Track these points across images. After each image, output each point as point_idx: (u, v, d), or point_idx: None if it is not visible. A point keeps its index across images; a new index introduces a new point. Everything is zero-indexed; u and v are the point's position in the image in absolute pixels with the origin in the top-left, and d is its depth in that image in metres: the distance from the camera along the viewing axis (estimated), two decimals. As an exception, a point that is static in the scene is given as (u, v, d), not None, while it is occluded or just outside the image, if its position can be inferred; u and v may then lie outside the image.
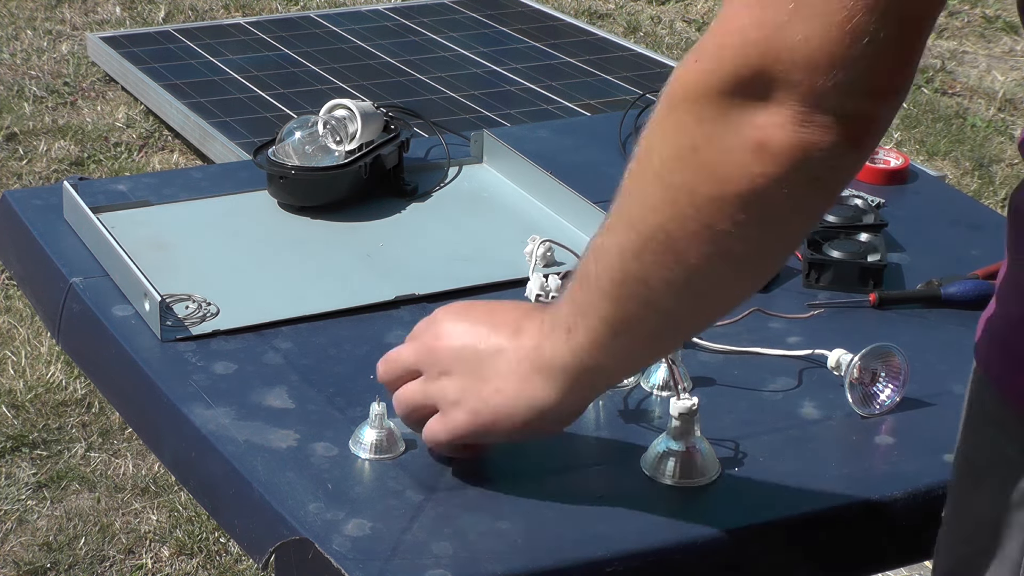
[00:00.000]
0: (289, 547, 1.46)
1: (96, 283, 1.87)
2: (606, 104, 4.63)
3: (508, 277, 1.92)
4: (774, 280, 1.96)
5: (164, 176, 2.34)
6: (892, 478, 1.58)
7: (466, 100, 4.66)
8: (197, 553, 3.04)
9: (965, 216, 2.18)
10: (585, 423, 1.66)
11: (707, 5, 5.93)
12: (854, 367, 1.68)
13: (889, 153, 2.27)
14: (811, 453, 1.62)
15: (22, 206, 2.05)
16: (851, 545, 1.54)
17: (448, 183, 2.17)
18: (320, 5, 5.82)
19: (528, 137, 2.34)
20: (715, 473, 1.57)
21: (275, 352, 1.75)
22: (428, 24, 5.38)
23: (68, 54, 5.39)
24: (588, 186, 2.09)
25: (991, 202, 4.49)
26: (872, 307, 1.90)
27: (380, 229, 2.05)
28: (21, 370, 3.55)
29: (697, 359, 1.77)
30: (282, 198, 2.08)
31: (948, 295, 1.91)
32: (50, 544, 3.05)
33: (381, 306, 1.86)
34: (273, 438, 1.59)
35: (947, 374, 1.76)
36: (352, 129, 2.08)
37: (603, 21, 5.86)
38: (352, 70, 4.89)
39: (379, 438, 1.58)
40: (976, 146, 4.83)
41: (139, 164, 4.63)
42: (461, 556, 1.43)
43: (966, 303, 1.90)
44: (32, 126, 4.81)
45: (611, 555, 1.45)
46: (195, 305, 1.82)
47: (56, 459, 3.26)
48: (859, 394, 1.69)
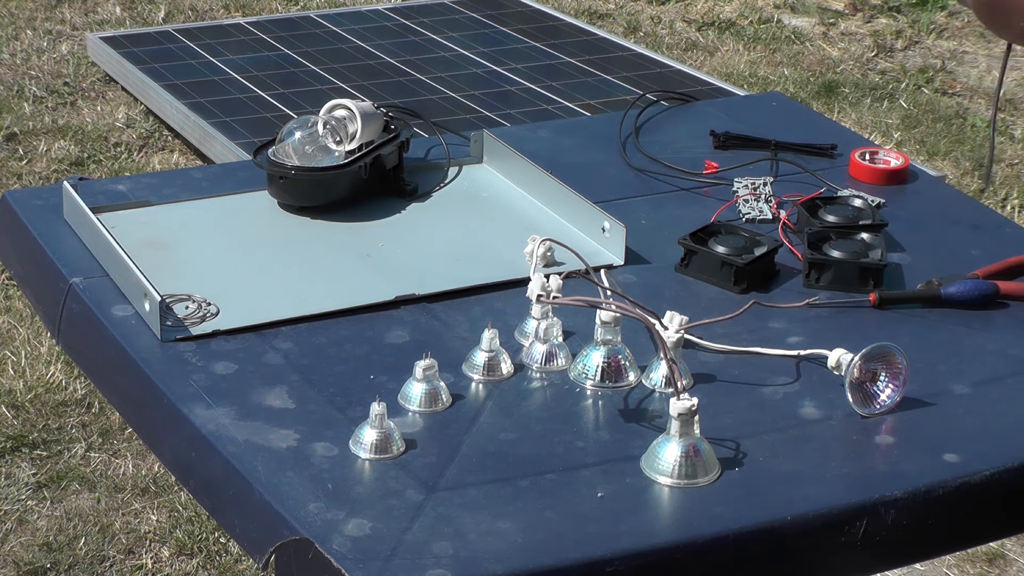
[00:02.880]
0: (289, 547, 1.46)
1: (96, 283, 1.87)
2: (606, 104, 4.63)
3: (508, 277, 1.92)
4: (774, 279, 1.96)
5: (164, 176, 2.34)
6: (892, 478, 1.58)
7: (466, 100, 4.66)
8: (197, 553, 3.04)
9: (965, 216, 2.18)
10: (585, 423, 1.67)
11: (707, 5, 5.93)
12: (854, 367, 1.68)
13: (889, 153, 2.27)
14: (811, 453, 1.62)
15: (22, 206, 2.05)
16: (851, 545, 1.54)
17: (448, 183, 2.17)
18: (320, 5, 5.82)
19: (528, 137, 2.34)
20: (715, 473, 1.57)
21: (275, 352, 1.75)
22: (428, 24, 5.37)
23: (68, 54, 5.38)
24: (588, 186, 2.09)
25: (991, 202, 4.49)
26: (872, 307, 1.90)
27: (380, 229, 2.05)
28: (21, 370, 3.55)
29: (697, 359, 1.77)
30: (282, 198, 2.08)
31: (948, 295, 1.91)
32: (50, 544, 3.04)
33: (381, 306, 1.86)
34: (273, 438, 1.59)
35: (947, 374, 1.76)
36: (352, 129, 2.08)
37: (603, 21, 5.86)
38: (352, 70, 4.89)
39: (379, 438, 1.58)
40: (976, 146, 4.83)
41: (139, 164, 4.63)
42: (461, 556, 1.43)
43: (966, 303, 1.90)
44: (32, 126, 4.81)
45: (611, 555, 1.45)
46: (195, 305, 1.82)
47: (56, 459, 3.26)
48: (859, 394, 1.69)
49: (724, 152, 2.31)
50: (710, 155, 2.29)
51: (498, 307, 1.87)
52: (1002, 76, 2.63)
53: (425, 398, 1.66)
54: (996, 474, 1.60)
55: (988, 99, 5.30)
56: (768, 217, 2.11)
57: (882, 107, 5.12)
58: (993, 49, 5.80)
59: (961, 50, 5.78)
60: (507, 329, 1.80)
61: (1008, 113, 5.24)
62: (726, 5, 6.03)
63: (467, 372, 1.73)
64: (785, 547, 1.53)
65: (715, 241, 1.97)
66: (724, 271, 1.93)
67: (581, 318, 1.80)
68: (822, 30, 5.82)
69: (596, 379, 1.72)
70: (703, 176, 2.23)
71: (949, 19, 6.01)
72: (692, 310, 1.81)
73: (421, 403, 1.66)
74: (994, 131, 2.95)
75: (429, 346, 1.74)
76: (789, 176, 2.24)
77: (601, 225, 1.99)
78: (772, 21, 5.87)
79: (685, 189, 2.20)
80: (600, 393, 1.71)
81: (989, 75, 5.53)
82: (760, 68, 5.40)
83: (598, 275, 1.90)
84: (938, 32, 5.87)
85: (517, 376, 1.74)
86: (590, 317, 1.75)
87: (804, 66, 5.45)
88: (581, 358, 1.74)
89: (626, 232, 1.97)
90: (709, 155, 2.29)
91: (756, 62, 5.46)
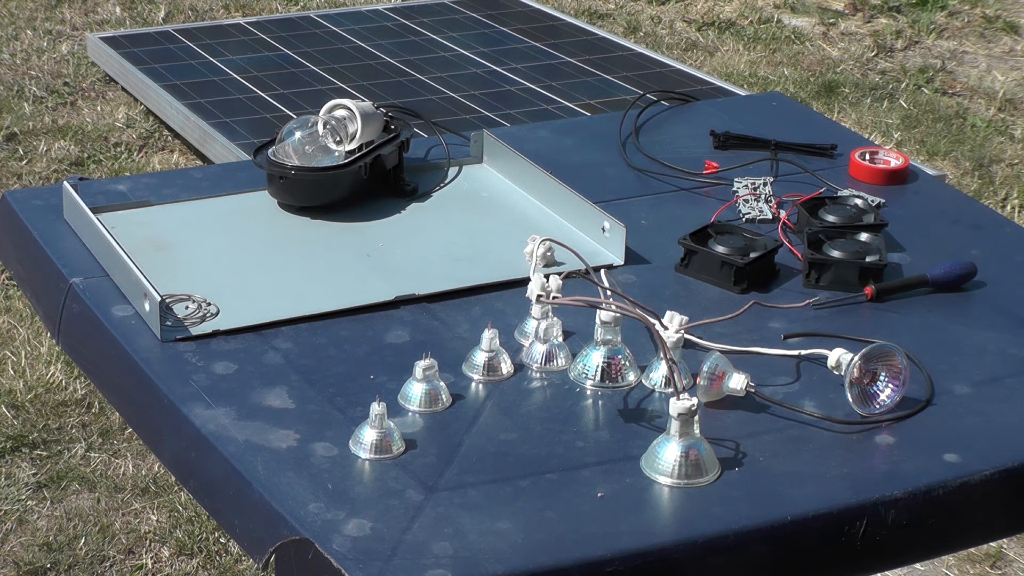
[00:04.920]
0: (289, 547, 1.46)
1: (96, 283, 1.87)
2: (606, 104, 4.63)
3: (508, 277, 1.92)
4: (774, 279, 1.96)
5: (164, 176, 2.34)
6: (892, 478, 1.58)
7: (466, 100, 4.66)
8: (197, 553, 3.04)
9: (965, 216, 2.18)
10: (585, 423, 1.67)
11: (707, 5, 5.93)
12: (854, 367, 1.68)
13: (889, 153, 2.27)
14: (811, 453, 1.62)
15: (22, 206, 2.05)
16: (851, 545, 1.54)
17: (448, 183, 2.17)
18: (320, 5, 5.82)
19: (528, 137, 2.34)
20: (715, 473, 1.57)
21: (275, 352, 1.75)
22: (428, 24, 5.37)
23: (68, 54, 5.38)
24: (588, 186, 2.09)
25: (991, 202, 4.49)
26: (869, 301, 1.90)
27: (380, 229, 2.05)
28: (21, 370, 3.55)
29: (697, 359, 1.77)
30: (282, 198, 2.08)
31: (934, 276, 1.94)
32: (50, 544, 3.04)
33: (381, 306, 1.86)
34: (273, 438, 1.59)
35: (947, 374, 1.76)
36: (352, 129, 2.08)
37: (603, 21, 5.86)
38: (352, 70, 4.89)
39: (379, 438, 1.58)
40: (976, 146, 4.83)
41: (139, 164, 4.63)
42: (461, 556, 1.43)
43: (951, 281, 1.94)
44: (32, 126, 4.81)
45: (611, 555, 1.45)
46: (195, 305, 1.82)
47: (56, 459, 3.26)
48: (859, 394, 1.69)
49: (724, 152, 2.31)
50: (710, 155, 2.29)
51: (498, 307, 1.87)
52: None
53: (425, 398, 1.66)
54: (996, 474, 1.60)
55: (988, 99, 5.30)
56: (768, 217, 2.11)
57: (882, 107, 5.12)
58: (993, 49, 5.80)
59: (961, 50, 5.78)
60: (507, 329, 1.80)
61: (1008, 113, 5.24)
62: (726, 5, 6.03)
63: (467, 372, 1.73)
64: (785, 547, 1.53)
65: (715, 241, 1.97)
66: (724, 271, 1.93)
67: (581, 318, 1.80)
68: (822, 30, 5.82)
69: (596, 379, 1.72)
70: (703, 176, 2.23)
71: (949, 19, 6.01)
72: (692, 310, 1.81)
73: (421, 403, 1.66)
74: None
75: (429, 346, 1.74)
76: (789, 176, 2.24)
77: (601, 225, 1.99)
78: (772, 21, 5.87)
79: (685, 189, 2.20)
80: (600, 393, 1.71)
81: (989, 75, 5.53)
82: (760, 68, 5.40)
83: (598, 275, 1.90)
84: (938, 32, 5.87)
85: (517, 376, 1.74)
86: (590, 317, 1.75)
87: (804, 66, 5.45)
88: (581, 358, 1.74)
89: (626, 232, 1.97)
90: (709, 155, 2.29)
91: (756, 62, 5.46)
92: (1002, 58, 5.75)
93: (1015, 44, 5.87)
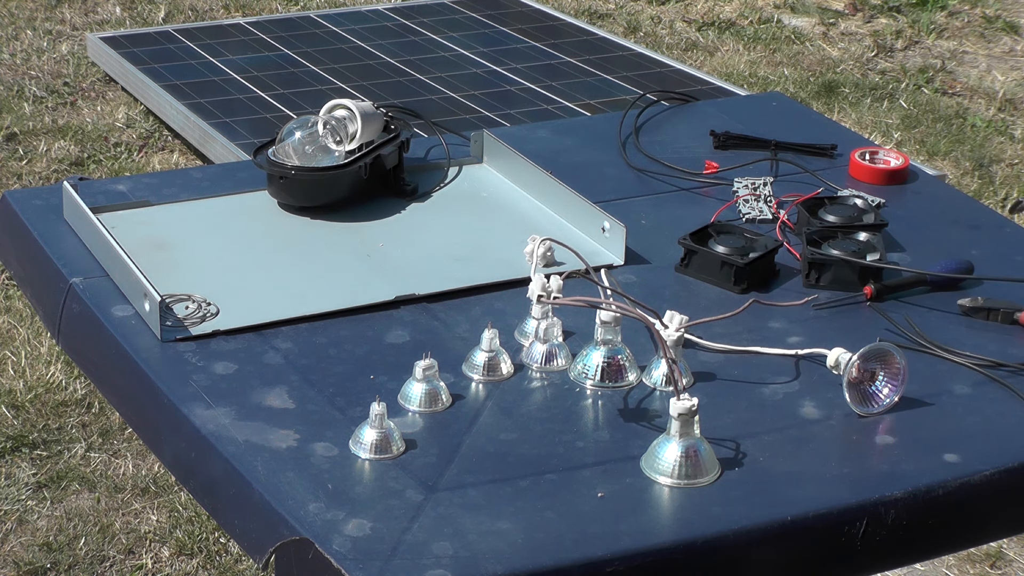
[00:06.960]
0: (289, 547, 1.46)
1: (96, 283, 1.87)
2: (606, 104, 4.63)
3: (508, 277, 1.92)
4: (774, 279, 1.96)
5: (164, 176, 2.34)
6: (892, 478, 1.58)
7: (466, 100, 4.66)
8: (197, 553, 3.04)
9: (965, 216, 2.18)
10: (585, 423, 1.67)
11: (707, 5, 5.93)
12: (852, 366, 1.68)
13: (889, 153, 2.27)
14: (811, 453, 1.62)
15: (22, 206, 2.05)
16: (851, 545, 1.54)
17: (448, 183, 2.17)
18: (320, 5, 5.81)
19: (528, 137, 2.34)
20: (715, 473, 1.57)
21: (275, 352, 1.75)
22: (428, 24, 5.37)
23: (68, 54, 5.38)
24: (588, 186, 2.09)
25: (991, 202, 4.49)
26: (869, 301, 1.90)
27: (380, 229, 2.05)
28: (21, 370, 3.55)
29: (697, 359, 1.77)
30: (282, 198, 2.08)
31: (933, 275, 1.94)
32: (50, 544, 3.04)
33: (381, 306, 1.86)
34: (273, 438, 1.59)
35: (947, 374, 1.76)
36: (352, 129, 2.08)
37: (603, 21, 5.86)
38: (352, 70, 4.89)
39: (379, 438, 1.58)
40: (976, 146, 4.83)
41: (139, 164, 4.63)
42: (461, 556, 1.43)
43: (949, 280, 1.94)
44: (32, 126, 4.81)
45: (611, 555, 1.45)
46: (195, 305, 1.82)
47: (56, 459, 3.26)
48: (857, 393, 1.69)
49: (724, 152, 2.31)
50: (710, 155, 2.29)
51: (498, 307, 1.87)
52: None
53: (425, 398, 1.66)
54: (996, 474, 1.60)
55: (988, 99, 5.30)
56: (768, 217, 2.11)
57: (882, 107, 5.12)
58: (993, 49, 5.80)
59: (961, 50, 5.78)
60: (507, 329, 1.80)
61: (1008, 113, 5.24)
62: (726, 5, 6.03)
63: (467, 372, 1.73)
64: (785, 547, 1.53)
65: (715, 241, 1.97)
66: (724, 271, 1.93)
67: (581, 318, 1.80)
68: (822, 30, 5.82)
69: (596, 379, 1.72)
70: (703, 176, 2.23)
71: (949, 19, 6.01)
72: (692, 310, 1.81)
73: (421, 403, 1.66)
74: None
75: (429, 346, 1.74)
76: (789, 176, 2.24)
77: (601, 225, 1.99)
78: (772, 21, 5.87)
79: (685, 189, 2.20)
80: (600, 393, 1.71)
81: (989, 75, 5.53)
82: (760, 68, 5.40)
83: (598, 275, 1.90)
84: (938, 32, 5.87)
85: (517, 376, 1.74)
86: (590, 317, 1.75)
87: (804, 66, 5.45)
88: (581, 358, 1.74)
89: (626, 232, 1.97)
90: (709, 155, 2.29)
91: (756, 62, 5.46)
92: (1002, 58, 5.75)
93: (1015, 44, 5.87)
